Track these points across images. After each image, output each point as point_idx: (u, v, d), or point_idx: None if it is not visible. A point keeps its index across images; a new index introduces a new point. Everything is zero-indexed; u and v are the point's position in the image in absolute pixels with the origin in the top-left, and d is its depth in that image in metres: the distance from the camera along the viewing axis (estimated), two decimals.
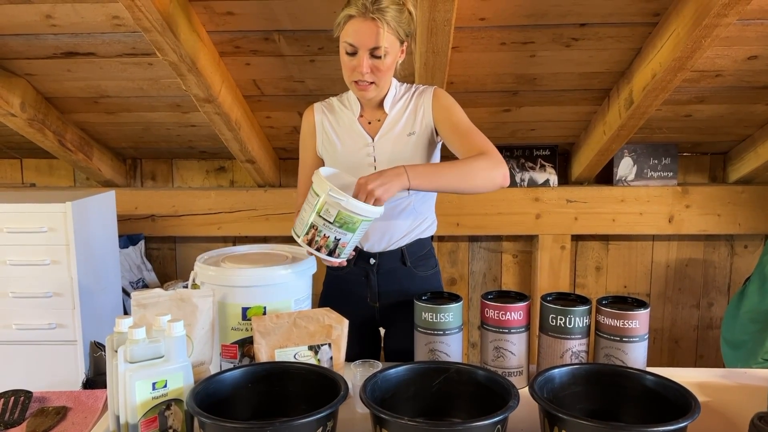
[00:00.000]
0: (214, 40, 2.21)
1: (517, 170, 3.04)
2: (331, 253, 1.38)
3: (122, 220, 3.05)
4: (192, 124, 2.81)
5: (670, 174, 3.01)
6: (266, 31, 2.17)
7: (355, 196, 1.34)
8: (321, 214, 1.34)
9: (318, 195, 1.34)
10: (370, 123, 1.65)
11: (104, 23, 2.12)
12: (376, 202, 1.34)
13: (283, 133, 2.90)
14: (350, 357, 1.39)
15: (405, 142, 1.60)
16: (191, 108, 2.62)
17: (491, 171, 1.46)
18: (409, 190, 1.42)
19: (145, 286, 3.11)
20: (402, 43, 1.54)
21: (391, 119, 1.63)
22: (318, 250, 1.38)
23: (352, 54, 1.50)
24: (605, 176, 3.07)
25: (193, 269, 1.44)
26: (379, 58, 1.49)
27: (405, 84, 1.68)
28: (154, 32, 1.90)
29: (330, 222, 1.34)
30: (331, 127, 1.67)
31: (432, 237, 1.77)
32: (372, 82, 1.53)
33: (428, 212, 1.72)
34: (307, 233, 1.37)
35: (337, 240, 1.36)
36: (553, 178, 3.03)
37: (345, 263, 1.46)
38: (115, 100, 2.63)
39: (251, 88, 2.53)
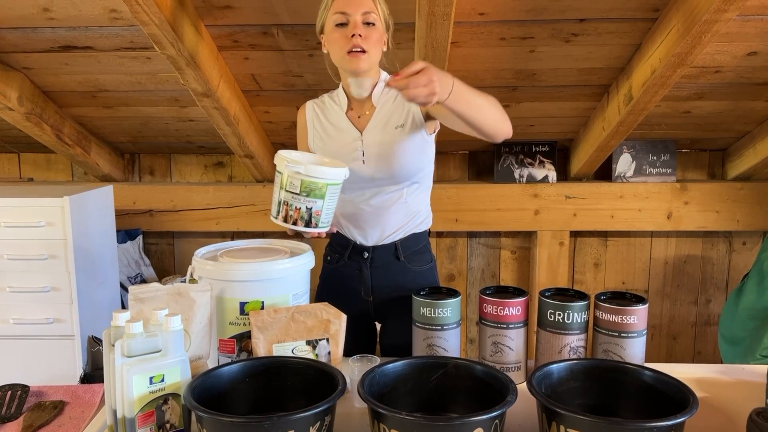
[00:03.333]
0: (212, 34, 2.21)
1: (516, 166, 3.03)
2: (308, 224, 1.42)
3: (120, 215, 3.05)
4: (190, 118, 2.81)
5: (669, 170, 3.01)
6: (265, 26, 2.16)
7: (413, 74, 1.26)
8: (287, 188, 1.40)
9: (281, 172, 1.41)
10: (359, 117, 1.65)
11: (102, 16, 2.11)
12: (430, 97, 1.26)
13: (282, 128, 2.90)
14: (345, 351, 1.38)
15: (393, 134, 1.60)
16: (189, 102, 2.62)
17: (505, 118, 1.46)
18: (442, 103, 1.33)
19: (143, 281, 3.10)
20: (386, 29, 1.59)
21: (379, 112, 1.63)
22: (294, 224, 1.42)
23: (344, 24, 1.53)
24: (604, 172, 3.07)
25: (191, 264, 1.44)
26: (370, 25, 1.52)
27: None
28: (152, 26, 1.89)
29: (297, 193, 1.39)
30: (320, 123, 1.69)
31: (429, 232, 1.76)
32: (365, 51, 1.52)
33: (421, 206, 1.71)
34: (280, 211, 1.43)
35: (309, 209, 1.41)
36: (552, 174, 3.02)
37: (324, 234, 1.49)
38: (113, 94, 2.63)
39: (250, 82, 2.52)
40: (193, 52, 2.06)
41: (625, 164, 3.02)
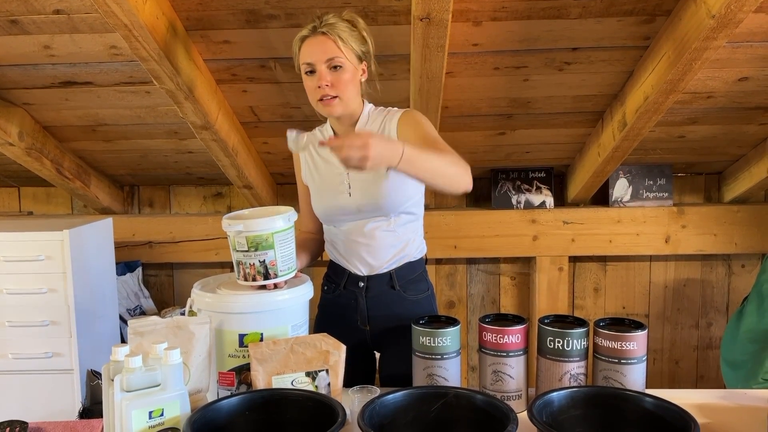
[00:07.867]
0: (210, 68, 2.24)
1: (513, 192, 3.05)
2: (267, 277, 1.42)
3: (120, 247, 3.05)
4: (189, 150, 2.83)
5: (666, 194, 3.02)
6: (262, 59, 2.20)
7: (350, 142, 1.26)
8: (237, 248, 1.42)
9: (228, 235, 1.43)
10: None
11: (102, 53, 2.14)
12: (362, 161, 1.26)
13: (280, 159, 2.92)
14: (345, 382, 1.38)
15: (377, 169, 1.59)
16: (188, 135, 2.64)
17: (464, 173, 1.44)
18: (393, 169, 1.34)
19: (143, 313, 3.10)
20: (360, 60, 1.58)
21: None
22: (254, 280, 1.42)
23: (312, 72, 1.54)
24: (601, 197, 3.08)
25: (190, 296, 1.45)
26: (337, 68, 1.52)
27: (380, 108, 1.67)
28: (152, 61, 1.92)
29: (246, 251, 1.40)
30: (311, 155, 1.70)
31: (425, 260, 1.75)
32: (336, 96, 1.54)
33: (412, 234, 1.69)
34: (239, 271, 1.44)
35: (262, 262, 1.41)
36: (549, 200, 3.04)
37: (283, 284, 1.46)
38: (113, 127, 2.65)
39: (248, 114, 2.55)
40: (191, 86, 2.09)
41: (621, 189, 3.03)
